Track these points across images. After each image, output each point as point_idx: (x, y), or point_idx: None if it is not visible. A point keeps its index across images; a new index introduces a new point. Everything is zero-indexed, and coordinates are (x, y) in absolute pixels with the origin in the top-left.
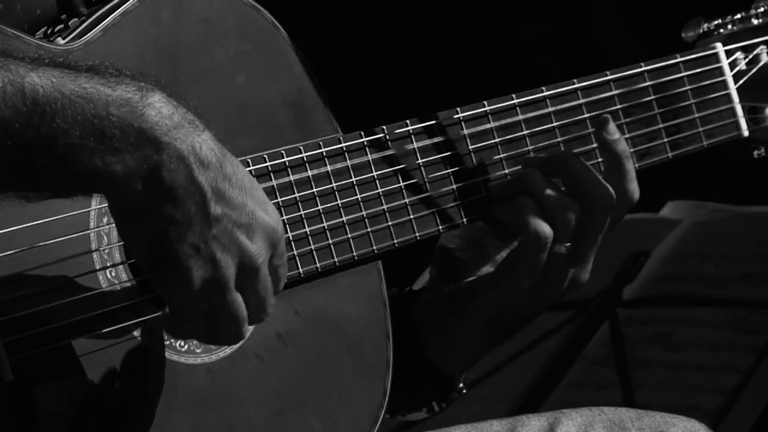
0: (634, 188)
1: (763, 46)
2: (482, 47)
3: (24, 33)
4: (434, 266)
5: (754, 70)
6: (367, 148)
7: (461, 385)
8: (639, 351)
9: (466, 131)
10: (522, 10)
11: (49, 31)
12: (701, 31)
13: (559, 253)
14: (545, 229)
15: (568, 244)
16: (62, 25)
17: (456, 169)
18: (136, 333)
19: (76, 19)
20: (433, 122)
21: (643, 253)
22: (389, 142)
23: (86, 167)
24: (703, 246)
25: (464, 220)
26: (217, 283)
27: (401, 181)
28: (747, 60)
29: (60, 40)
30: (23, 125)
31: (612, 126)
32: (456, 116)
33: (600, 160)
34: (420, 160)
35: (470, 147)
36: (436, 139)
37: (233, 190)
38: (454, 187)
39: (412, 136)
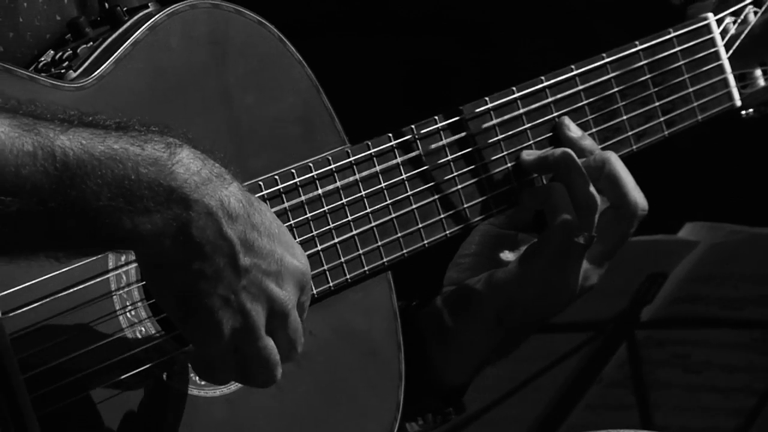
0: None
1: (750, 6)
2: (486, 71)
3: (37, 74)
4: (448, 274)
5: (745, 32)
6: (374, 158)
7: (462, 402)
8: (657, 372)
9: (472, 130)
10: (525, 32)
11: (57, 57)
12: None
13: (579, 244)
14: (573, 217)
15: (594, 235)
16: (70, 51)
17: (460, 173)
18: (156, 370)
19: (84, 47)
20: (437, 126)
21: (660, 275)
22: (396, 151)
23: (116, 228)
24: (721, 267)
25: (470, 221)
26: (248, 331)
27: (408, 190)
28: (737, 24)
29: (72, 73)
30: (54, 189)
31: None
32: (455, 118)
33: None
34: (428, 165)
35: (476, 146)
36: (441, 143)
37: (262, 239)
38: (460, 188)
39: (418, 141)
